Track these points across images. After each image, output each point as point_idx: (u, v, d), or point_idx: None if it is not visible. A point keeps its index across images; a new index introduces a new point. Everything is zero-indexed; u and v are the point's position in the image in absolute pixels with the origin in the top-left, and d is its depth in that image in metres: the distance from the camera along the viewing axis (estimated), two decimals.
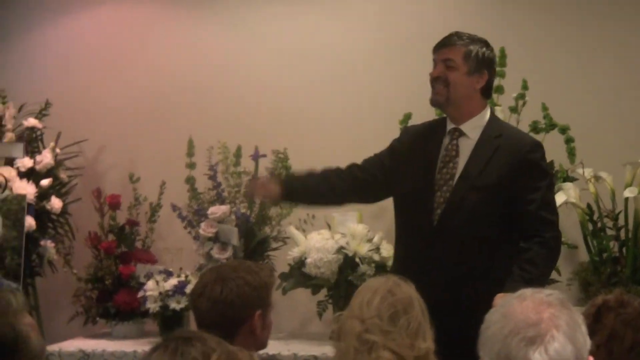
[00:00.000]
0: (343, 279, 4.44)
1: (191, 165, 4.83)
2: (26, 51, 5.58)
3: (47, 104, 5.23)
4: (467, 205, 3.57)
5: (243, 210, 4.70)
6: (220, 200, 4.74)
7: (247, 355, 1.95)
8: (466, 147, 3.64)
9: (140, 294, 4.64)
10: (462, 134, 3.66)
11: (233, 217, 4.68)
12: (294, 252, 4.59)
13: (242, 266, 3.02)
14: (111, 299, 4.80)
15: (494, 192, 3.55)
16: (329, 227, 4.63)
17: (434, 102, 3.72)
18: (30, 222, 4.80)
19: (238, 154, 4.82)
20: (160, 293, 4.56)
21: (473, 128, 3.65)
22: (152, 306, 4.56)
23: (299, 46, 5.17)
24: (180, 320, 4.57)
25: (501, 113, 4.32)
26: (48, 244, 4.97)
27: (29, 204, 4.82)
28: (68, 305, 4.96)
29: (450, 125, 3.70)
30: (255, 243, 4.72)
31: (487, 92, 3.70)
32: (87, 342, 4.60)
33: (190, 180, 4.82)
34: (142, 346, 4.43)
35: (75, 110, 5.43)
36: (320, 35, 5.17)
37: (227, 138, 4.87)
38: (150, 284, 4.61)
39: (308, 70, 5.10)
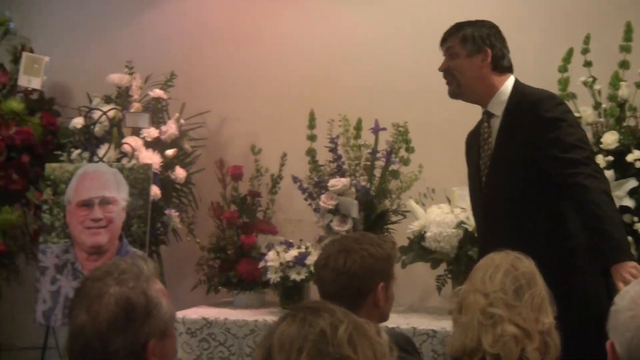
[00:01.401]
0: (463, 254, 4.43)
1: (312, 138, 4.85)
2: (153, 24, 5.71)
3: (172, 76, 5.35)
4: (502, 182, 3.61)
5: (363, 183, 4.71)
6: (340, 172, 4.75)
7: (374, 327, 1.97)
8: (496, 126, 3.68)
9: (261, 264, 4.70)
10: (490, 114, 3.68)
11: (353, 189, 4.70)
12: (414, 226, 4.60)
13: (365, 238, 3.05)
14: (233, 269, 4.88)
15: (523, 161, 3.54)
16: (449, 201, 4.62)
17: (450, 94, 3.78)
18: (155, 191, 4.92)
19: (358, 127, 4.82)
20: (280, 264, 4.60)
21: (498, 105, 3.68)
22: (273, 277, 4.61)
23: (424, 21, 5.14)
24: (301, 291, 4.63)
25: (626, 88, 4.25)
26: (172, 213, 5.10)
27: (154, 174, 4.94)
28: (191, 273, 5.07)
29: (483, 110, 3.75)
30: (375, 216, 4.72)
31: (498, 66, 3.70)
32: (210, 310, 4.67)
33: (311, 153, 4.84)
34: (263, 316, 4.50)
35: (199, 82, 5.54)
36: (449, 11, 5.11)
37: (347, 111, 4.87)
38: (271, 254, 4.66)
39: (431, 44, 5.05)
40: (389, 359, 1.97)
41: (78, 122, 5.29)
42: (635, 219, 4.05)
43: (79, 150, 5.24)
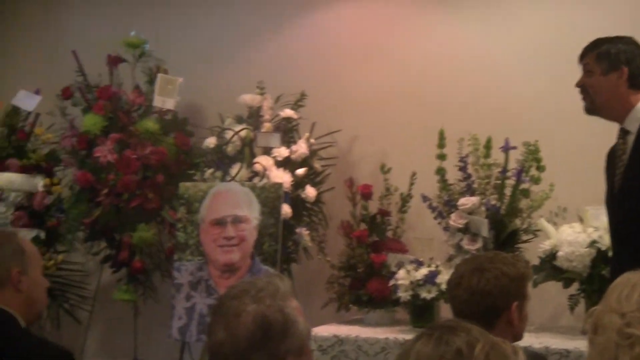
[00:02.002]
0: (596, 273, 4.36)
1: (442, 157, 4.84)
2: (283, 45, 5.80)
3: (303, 95, 5.41)
4: (634, 200, 3.57)
5: (493, 202, 4.68)
6: (470, 191, 4.74)
7: (510, 346, 1.97)
8: (630, 143, 3.64)
9: (392, 282, 4.71)
10: (626, 131, 3.64)
11: (483, 208, 4.67)
12: (545, 245, 4.56)
13: (498, 257, 3.04)
14: (363, 287, 4.91)
15: None
16: (581, 220, 4.56)
17: (586, 110, 3.78)
18: (286, 209, 4.99)
19: (488, 146, 4.78)
20: (411, 282, 4.61)
21: (633, 122, 3.63)
22: (403, 295, 4.62)
23: (556, 37, 5.09)
24: (431, 310, 4.62)
25: None
26: (303, 232, 5.16)
27: (285, 192, 5.01)
28: (322, 291, 5.11)
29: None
30: (505, 235, 4.69)
31: (636, 83, 3.65)
32: (341, 328, 4.70)
33: (440, 172, 4.83)
34: (393, 334, 4.51)
35: (329, 101, 5.59)
36: (571, 26, 5.06)
37: (477, 130, 4.84)
38: (401, 272, 4.67)
39: (560, 61, 5.01)
40: None
41: (211, 141, 5.40)
42: None
43: (211, 170, 5.34)
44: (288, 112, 5.36)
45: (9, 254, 3.34)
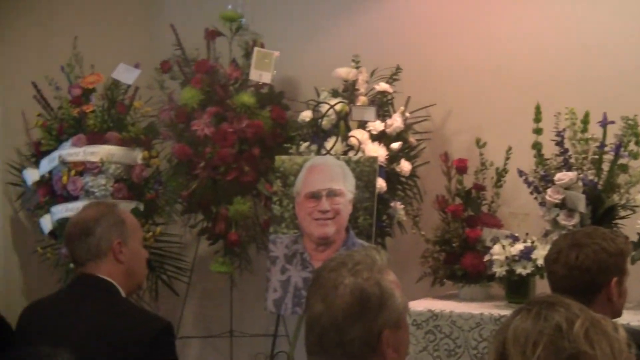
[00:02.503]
0: None
1: (538, 131, 4.79)
2: (379, 18, 5.79)
3: (398, 69, 5.41)
4: None
5: (590, 177, 4.62)
6: (567, 166, 4.68)
7: (610, 322, 1.95)
8: None
9: (487, 257, 4.70)
10: None
11: (580, 183, 4.62)
12: None
13: (597, 233, 3.01)
14: (458, 262, 4.90)
15: None
16: None
17: None
18: (381, 183, 5.00)
19: (586, 120, 4.72)
20: (506, 257, 4.58)
21: None
22: (499, 270, 4.59)
23: None
24: (526, 286, 4.59)
25: None
26: (397, 206, 5.16)
27: (380, 166, 5.02)
28: (416, 265, 5.09)
29: None
30: (602, 210, 4.63)
31: None
32: (435, 303, 4.71)
33: (537, 146, 4.78)
34: (488, 309, 4.51)
35: (423, 75, 5.56)
36: None
37: (574, 104, 4.78)
38: (496, 248, 4.65)
39: None
40: (627, 356, 1.94)
41: (306, 115, 5.43)
42: None
43: (307, 143, 5.37)
44: (383, 86, 5.36)
45: (110, 225, 3.41)
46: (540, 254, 4.34)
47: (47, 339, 3.24)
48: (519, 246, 4.59)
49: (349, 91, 5.40)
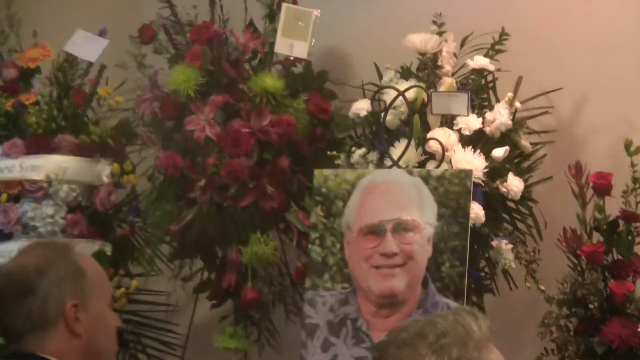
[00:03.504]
0: None
1: None
2: None
3: (503, 35, 5.35)
4: None
5: None
6: None
7: None
8: None
9: None
10: None
11: None
12: None
13: None
14: (598, 331, 4.86)
15: None
16: None
17: None
18: (477, 211, 4.93)
19: None
20: None
21: None
22: None
23: None
24: None
25: None
26: (503, 245, 5.06)
27: (476, 185, 4.96)
28: (532, 337, 5.08)
29: None
30: None
31: None
32: None
33: None
34: None
35: (540, 47, 5.57)
36: None
37: None
38: None
39: None
40: None
41: (362, 107, 5.40)
42: None
43: (362, 150, 5.33)
44: (480, 62, 5.31)
45: (61, 279, 3.43)
46: None
47: None
48: None
49: (427, 70, 5.37)
